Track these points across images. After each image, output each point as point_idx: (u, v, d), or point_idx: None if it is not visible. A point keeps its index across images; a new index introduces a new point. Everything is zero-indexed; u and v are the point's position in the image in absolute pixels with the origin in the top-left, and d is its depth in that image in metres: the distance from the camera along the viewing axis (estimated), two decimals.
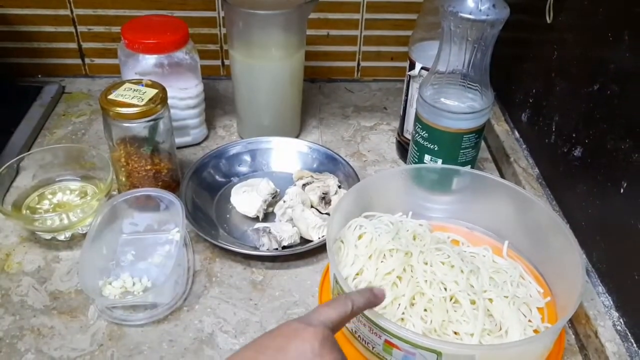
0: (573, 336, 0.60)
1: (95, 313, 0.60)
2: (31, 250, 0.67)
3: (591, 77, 0.63)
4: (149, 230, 0.69)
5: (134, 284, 0.62)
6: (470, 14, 0.59)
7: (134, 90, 0.67)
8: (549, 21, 0.71)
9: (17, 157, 0.72)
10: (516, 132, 0.84)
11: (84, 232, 0.68)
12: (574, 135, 0.67)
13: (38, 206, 0.71)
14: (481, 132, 0.68)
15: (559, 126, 0.71)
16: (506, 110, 0.88)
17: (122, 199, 0.67)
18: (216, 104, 0.93)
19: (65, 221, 0.66)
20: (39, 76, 0.98)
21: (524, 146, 0.81)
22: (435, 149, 0.68)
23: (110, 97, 0.66)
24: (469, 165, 0.70)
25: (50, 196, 0.72)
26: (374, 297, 0.48)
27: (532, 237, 0.65)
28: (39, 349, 0.56)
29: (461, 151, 0.68)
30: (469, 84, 0.65)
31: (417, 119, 0.69)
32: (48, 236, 0.67)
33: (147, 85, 0.68)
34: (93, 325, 0.59)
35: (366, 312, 0.51)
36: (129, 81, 0.69)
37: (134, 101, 0.65)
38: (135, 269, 0.64)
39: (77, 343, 0.57)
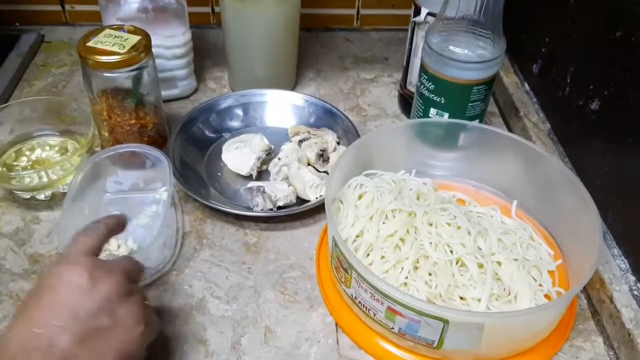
0: (585, 301, 0.57)
1: None
2: (9, 210, 0.63)
3: (613, 22, 0.58)
4: (135, 189, 0.65)
5: (118, 247, 0.58)
6: None
7: (115, 36, 0.62)
8: None
9: None
10: (526, 85, 0.79)
11: (65, 191, 0.64)
12: (591, 87, 0.62)
13: (15, 163, 0.66)
14: (492, 84, 0.63)
15: (574, 78, 0.66)
16: (515, 61, 0.83)
17: (105, 155, 0.62)
18: (206, 54, 0.88)
19: (45, 179, 0.62)
20: (17, 24, 0.92)
21: (535, 99, 0.76)
22: (442, 101, 0.63)
23: (89, 44, 0.60)
24: (477, 120, 0.65)
25: (28, 152, 0.67)
26: (119, 217, 0.49)
27: (543, 195, 0.61)
28: None
29: (470, 104, 0.63)
30: (480, 31, 0.60)
31: (423, 70, 0.64)
32: (27, 195, 0.63)
33: (129, 32, 0.63)
34: None
35: (366, 276, 0.48)
36: (110, 27, 0.63)
37: (115, 49, 0.60)
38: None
39: None
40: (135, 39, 0.61)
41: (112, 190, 0.64)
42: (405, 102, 0.77)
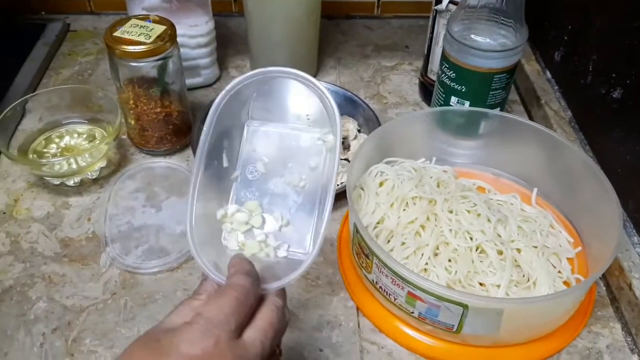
0: (604, 288, 0.57)
1: (107, 261, 0.58)
2: (40, 195, 0.65)
3: (637, 10, 0.57)
4: (289, 121, 0.45)
5: (263, 224, 0.41)
6: None
7: (141, 26, 0.63)
8: None
9: (22, 99, 0.69)
10: (548, 73, 0.78)
11: (94, 177, 0.66)
12: (613, 75, 0.62)
13: (45, 150, 0.68)
14: (513, 72, 0.63)
15: (596, 66, 0.66)
16: (537, 48, 0.83)
17: (250, 80, 0.44)
18: (228, 42, 0.89)
19: (74, 166, 0.64)
20: (43, 13, 0.94)
21: (556, 87, 0.76)
22: (463, 90, 0.64)
23: (116, 34, 0.62)
24: (498, 108, 0.66)
25: (57, 140, 0.69)
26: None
27: (564, 184, 0.61)
28: (50, 297, 0.55)
29: (491, 92, 0.63)
30: (502, 19, 0.60)
31: (444, 58, 0.64)
32: (56, 181, 0.65)
33: (154, 22, 0.64)
34: (105, 274, 0.57)
35: (387, 262, 0.49)
36: (136, 17, 0.64)
37: (141, 39, 0.61)
38: (265, 191, 0.43)
39: (89, 291, 0.56)
40: (160, 28, 0.63)
41: (260, 118, 0.46)
42: (426, 90, 0.78)
